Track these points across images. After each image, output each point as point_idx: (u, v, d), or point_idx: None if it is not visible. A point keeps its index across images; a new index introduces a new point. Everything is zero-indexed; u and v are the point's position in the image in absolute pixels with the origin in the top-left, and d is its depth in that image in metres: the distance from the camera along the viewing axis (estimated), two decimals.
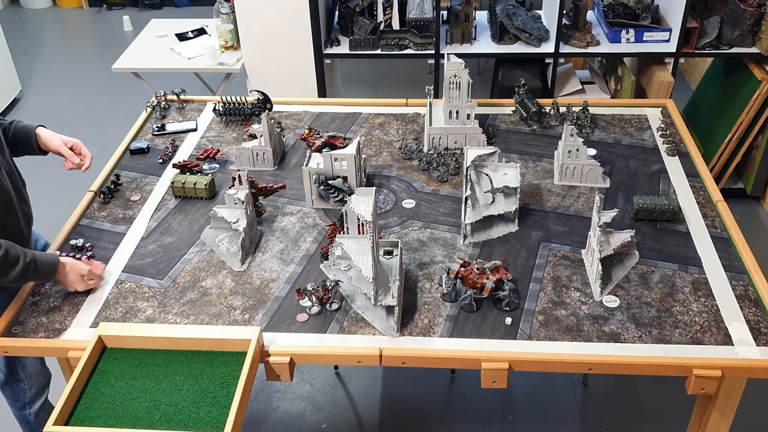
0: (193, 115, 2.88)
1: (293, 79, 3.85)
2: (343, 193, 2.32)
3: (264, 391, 3.02)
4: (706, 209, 2.30)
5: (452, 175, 2.49)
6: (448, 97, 2.52)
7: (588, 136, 2.68)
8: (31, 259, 1.89)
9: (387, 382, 3.04)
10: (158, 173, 2.55)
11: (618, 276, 2.05)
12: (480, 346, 1.85)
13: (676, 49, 3.55)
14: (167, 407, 1.70)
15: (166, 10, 6.76)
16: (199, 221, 2.31)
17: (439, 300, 1.99)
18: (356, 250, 1.90)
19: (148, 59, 4.03)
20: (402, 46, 3.63)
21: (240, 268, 2.12)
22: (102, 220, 2.33)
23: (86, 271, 2.00)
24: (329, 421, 2.89)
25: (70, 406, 1.70)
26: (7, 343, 1.91)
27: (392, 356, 1.83)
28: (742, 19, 3.47)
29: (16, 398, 2.32)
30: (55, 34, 6.46)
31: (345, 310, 1.96)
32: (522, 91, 2.80)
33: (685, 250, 2.14)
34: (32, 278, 1.94)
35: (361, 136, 2.68)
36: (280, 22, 3.72)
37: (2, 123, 2.17)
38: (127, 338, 1.84)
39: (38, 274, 1.92)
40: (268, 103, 2.81)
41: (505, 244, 2.19)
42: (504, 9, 3.67)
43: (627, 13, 3.71)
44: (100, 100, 5.24)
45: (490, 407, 2.92)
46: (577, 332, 1.88)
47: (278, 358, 1.84)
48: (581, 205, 2.34)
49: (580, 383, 2.99)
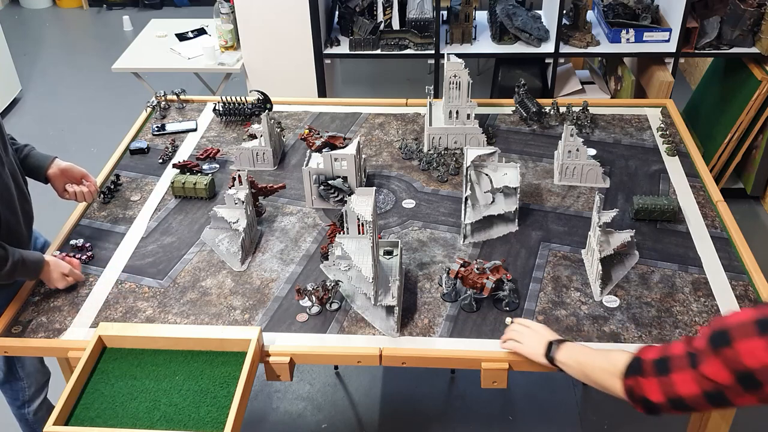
0: (193, 115, 2.88)
1: (293, 79, 3.85)
2: (343, 193, 2.32)
3: (264, 391, 3.02)
4: (706, 209, 2.30)
5: (452, 175, 2.49)
6: (448, 97, 2.52)
7: (588, 136, 2.68)
8: (19, 258, 1.92)
9: (387, 382, 3.04)
10: (158, 173, 2.55)
11: (618, 276, 2.05)
12: (480, 346, 1.85)
13: (676, 49, 3.55)
14: (167, 407, 1.70)
15: (166, 10, 6.76)
16: (199, 221, 2.31)
17: (439, 300, 1.99)
18: (356, 250, 1.90)
19: (148, 59, 4.03)
20: (402, 46, 3.63)
21: (240, 268, 2.12)
22: (102, 220, 2.33)
23: (68, 269, 2.02)
24: (329, 421, 2.89)
25: (70, 406, 1.70)
26: (7, 343, 1.91)
27: (392, 356, 1.83)
28: (742, 19, 3.46)
29: (15, 397, 2.32)
30: (55, 34, 6.46)
31: (345, 310, 1.96)
32: (522, 91, 2.80)
33: (685, 250, 2.14)
34: (19, 276, 1.96)
35: (361, 136, 2.68)
36: (280, 22, 3.72)
37: (16, 144, 2.18)
38: (127, 338, 1.84)
39: (25, 272, 1.96)
40: (268, 103, 2.81)
41: (505, 244, 2.19)
42: (504, 9, 3.67)
43: (627, 13, 3.71)
44: (100, 100, 5.24)
45: (490, 407, 2.92)
46: (577, 332, 1.88)
47: (278, 358, 1.84)
48: (581, 205, 2.34)
49: (580, 383, 2.99)
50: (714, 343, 1.24)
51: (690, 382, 1.28)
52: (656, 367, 1.35)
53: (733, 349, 1.20)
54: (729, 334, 1.21)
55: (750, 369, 1.19)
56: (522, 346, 1.75)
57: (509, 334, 1.79)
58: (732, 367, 1.21)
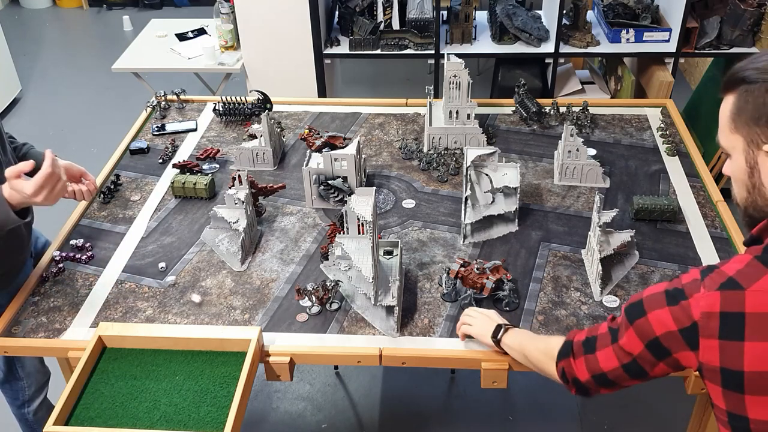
0: (193, 115, 2.88)
1: (293, 79, 3.85)
2: (343, 193, 2.31)
3: (264, 391, 3.02)
4: (706, 209, 2.30)
5: (452, 175, 2.49)
6: (448, 97, 2.52)
7: (588, 136, 2.68)
8: None
9: (387, 382, 3.04)
10: (158, 173, 2.55)
11: (618, 276, 2.05)
12: (480, 346, 1.84)
13: (676, 49, 3.55)
14: (167, 407, 1.70)
15: (166, 10, 6.76)
16: (199, 221, 2.31)
17: (439, 300, 1.99)
18: (356, 250, 1.90)
19: (148, 59, 4.03)
20: (402, 46, 3.63)
21: (240, 268, 2.12)
22: (102, 220, 2.33)
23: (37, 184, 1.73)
24: (329, 421, 2.89)
25: (70, 406, 1.70)
26: (7, 343, 1.91)
27: (392, 356, 1.83)
28: (742, 19, 3.46)
29: (15, 396, 2.32)
30: (55, 34, 6.46)
31: (345, 310, 1.96)
32: (522, 91, 2.80)
33: (685, 250, 2.14)
34: None
35: (361, 136, 2.68)
36: (280, 22, 3.72)
37: (15, 143, 2.17)
38: (127, 338, 1.84)
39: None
40: (268, 103, 2.81)
41: (505, 244, 2.19)
42: (504, 9, 3.67)
43: (627, 13, 3.71)
44: (100, 100, 5.24)
45: (490, 407, 2.92)
46: None
47: (278, 358, 1.84)
48: (581, 205, 2.33)
49: None
50: (630, 316, 1.29)
51: (611, 357, 1.34)
52: (584, 347, 1.41)
53: (646, 320, 1.25)
54: (642, 306, 1.26)
55: (657, 336, 1.23)
56: (472, 328, 1.81)
57: (463, 318, 1.85)
58: (643, 336, 1.26)
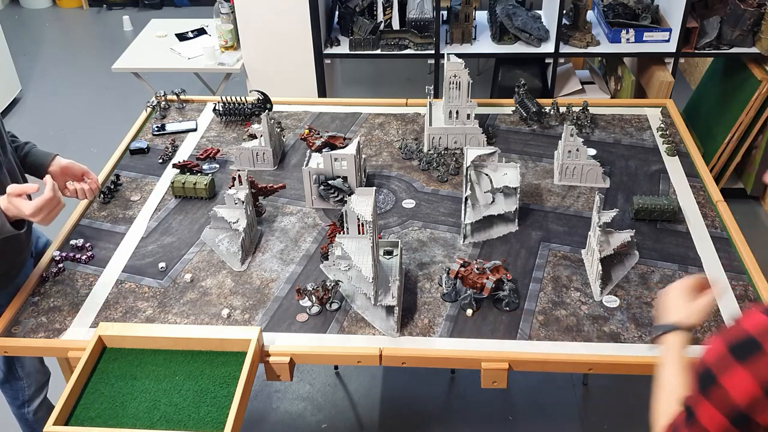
0: (193, 115, 2.88)
1: (293, 79, 3.85)
2: (343, 193, 2.31)
3: (264, 391, 3.02)
4: (706, 209, 2.30)
5: (452, 175, 2.49)
6: (448, 97, 2.52)
7: (588, 136, 2.68)
8: None
9: (387, 382, 3.04)
10: (158, 173, 2.55)
11: (618, 276, 2.05)
12: (480, 346, 1.85)
13: (676, 49, 3.55)
14: (167, 407, 1.70)
15: (166, 10, 6.76)
16: (199, 221, 2.31)
17: (439, 300, 1.99)
18: (356, 250, 1.90)
19: (148, 59, 4.02)
20: (402, 46, 3.63)
21: (240, 268, 2.12)
22: (102, 220, 2.33)
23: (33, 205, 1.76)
24: (329, 421, 2.89)
25: (70, 406, 1.70)
26: (7, 343, 1.91)
27: (392, 356, 1.83)
28: (742, 19, 3.46)
29: (15, 396, 2.32)
30: (55, 34, 6.46)
31: (345, 310, 1.96)
32: (522, 91, 2.80)
33: (685, 250, 2.14)
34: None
35: (361, 136, 2.68)
36: (280, 22, 3.72)
37: (17, 142, 2.17)
38: (127, 338, 1.84)
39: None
40: (268, 103, 2.81)
41: (505, 244, 2.19)
42: (504, 9, 3.67)
43: (627, 13, 3.71)
44: (100, 100, 5.24)
45: (490, 407, 2.92)
46: (577, 332, 1.88)
47: (278, 358, 1.84)
48: (581, 205, 2.33)
49: (580, 383, 2.99)
50: (702, 386, 1.14)
51: None
52: None
53: (720, 387, 1.10)
54: (711, 372, 1.12)
55: (739, 407, 1.09)
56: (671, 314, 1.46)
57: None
58: (724, 407, 1.11)
